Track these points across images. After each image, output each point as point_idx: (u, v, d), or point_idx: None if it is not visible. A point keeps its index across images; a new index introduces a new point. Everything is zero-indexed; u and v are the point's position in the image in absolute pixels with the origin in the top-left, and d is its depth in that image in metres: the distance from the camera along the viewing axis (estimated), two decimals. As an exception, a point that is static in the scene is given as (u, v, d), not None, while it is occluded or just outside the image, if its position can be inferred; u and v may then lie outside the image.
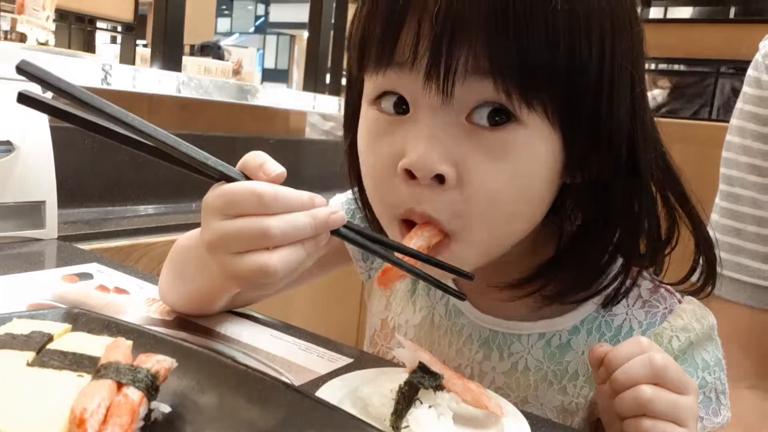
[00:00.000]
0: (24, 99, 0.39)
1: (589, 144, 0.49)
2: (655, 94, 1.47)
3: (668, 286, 0.59)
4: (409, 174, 0.46)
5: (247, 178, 0.45)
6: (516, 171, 0.47)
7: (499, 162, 0.46)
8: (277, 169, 0.45)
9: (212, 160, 0.45)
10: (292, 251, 0.43)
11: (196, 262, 0.57)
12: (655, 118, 0.54)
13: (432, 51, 0.44)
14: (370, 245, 0.47)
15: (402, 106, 0.49)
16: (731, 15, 1.15)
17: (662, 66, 1.44)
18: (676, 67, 1.40)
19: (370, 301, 0.71)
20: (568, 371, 0.57)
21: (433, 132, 0.46)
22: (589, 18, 0.45)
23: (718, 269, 0.56)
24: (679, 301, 0.58)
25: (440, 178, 0.46)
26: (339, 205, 0.69)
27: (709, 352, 0.56)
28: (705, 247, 0.55)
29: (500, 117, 0.46)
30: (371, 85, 0.50)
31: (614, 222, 0.52)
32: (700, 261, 0.55)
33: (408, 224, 0.49)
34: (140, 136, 0.43)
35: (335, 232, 0.46)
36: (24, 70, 0.38)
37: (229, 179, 0.45)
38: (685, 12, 1.39)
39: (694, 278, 0.56)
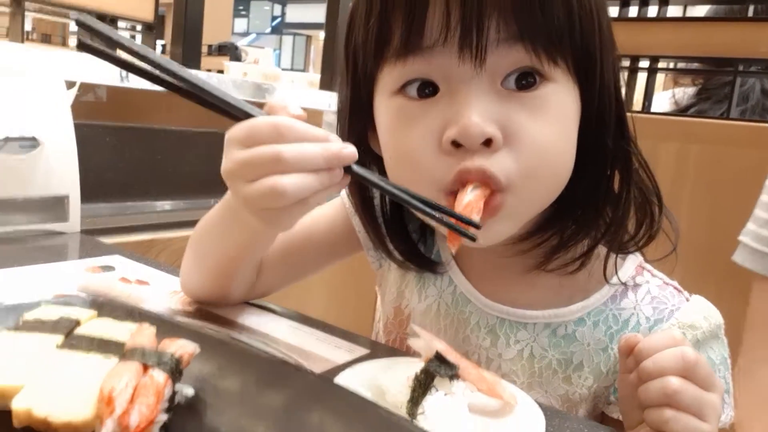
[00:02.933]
0: (84, 46, 0.43)
1: (596, 97, 0.52)
2: (675, 92, 1.46)
3: (676, 285, 0.60)
4: (455, 145, 0.48)
5: None
6: (555, 123, 0.50)
7: (540, 118, 0.49)
8: (299, 109, 0.47)
9: (239, 102, 0.46)
10: (304, 177, 0.43)
11: (215, 230, 0.59)
12: (676, 117, 0.57)
13: (464, 22, 0.46)
14: (383, 185, 0.47)
15: (425, 90, 0.50)
16: (750, 13, 1.15)
17: (681, 65, 1.43)
18: (694, 65, 1.39)
19: (381, 289, 0.71)
20: (573, 361, 0.57)
21: (472, 100, 0.48)
22: None
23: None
24: (687, 299, 0.59)
25: (487, 142, 0.48)
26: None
27: (715, 350, 0.56)
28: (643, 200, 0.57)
29: (527, 80, 0.49)
30: (393, 74, 0.51)
31: (606, 175, 0.55)
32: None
33: (454, 196, 0.50)
34: (179, 80, 0.45)
35: (349, 172, 0.46)
36: (82, 22, 0.43)
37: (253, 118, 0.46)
38: (702, 10, 1.39)
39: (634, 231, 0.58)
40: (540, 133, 0.49)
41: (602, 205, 0.55)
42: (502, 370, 0.59)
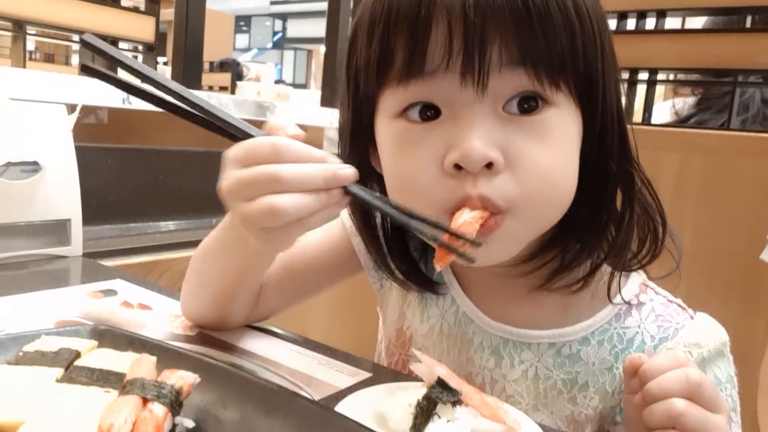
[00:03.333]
0: (86, 69, 0.44)
1: (598, 119, 0.52)
2: (675, 102, 1.46)
3: (680, 302, 0.60)
4: (457, 167, 0.48)
5: None
6: (557, 147, 0.50)
7: (542, 141, 0.49)
8: (297, 130, 0.47)
9: (239, 122, 0.47)
10: (302, 197, 0.44)
11: (215, 253, 0.60)
12: (677, 128, 0.57)
13: (466, 47, 0.46)
14: (381, 206, 0.47)
15: (427, 113, 0.50)
16: (748, 24, 1.15)
17: (680, 76, 1.43)
18: (693, 76, 1.39)
19: (383, 311, 0.71)
20: (578, 381, 0.57)
21: (474, 124, 0.48)
22: (585, 6, 0.50)
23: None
24: (692, 317, 0.58)
25: (489, 165, 0.48)
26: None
27: (721, 368, 0.56)
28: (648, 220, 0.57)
29: (529, 104, 0.49)
30: (395, 98, 0.51)
31: (609, 196, 0.55)
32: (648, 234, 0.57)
33: None
34: (180, 100, 0.46)
35: (348, 192, 0.46)
36: (87, 42, 0.44)
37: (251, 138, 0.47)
38: (700, 22, 1.39)
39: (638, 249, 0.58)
40: (541, 156, 0.49)
41: (605, 225, 0.55)
42: (507, 391, 0.59)
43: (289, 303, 0.69)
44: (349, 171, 0.45)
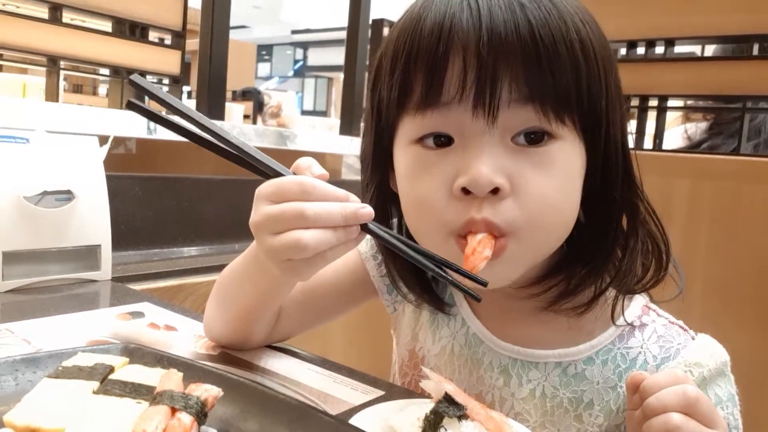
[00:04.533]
0: (131, 105, 0.49)
1: (601, 153, 0.55)
2: (687, 127, 1.48)
3: (682, 324, 0.62)
4: (465, 192, 0.52)
5: None
6: (559, 178, 0.53)
7: (546, 172, 0.52)
8: (322, 170, 0.52)
9: (270, 160, 0.51)
10: (324, 233, 0.48)
11: (239, 278, 0.63)
12: (689, 154, 0.59)
13: (478, 82, 0.50)
14: (394, 242, 0.51)
15: (441, 139, 0.54)
16: (755, 51, 1.18)
17: (690, 102, 1.45)
18: (701, 103, 1.41)
19: (396, 333, 0.74)
20: (584, 400, 0.59)
21: (483, 152, 0.51)
22: (593, 47, 0.53)
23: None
24: (693, 338, 0.60)
25: (495, 191, 0.51)
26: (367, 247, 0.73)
27: (722, 387, 0.58)
28: (654, 246, 0.60)
29: (536, 135, 0.52)
30: (413, 126, 0.55)
31: (614, 224, 0.58)
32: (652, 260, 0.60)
33: (464, 239, 0.53)
34: (217, 139, 0.50)
35: (365, 229, 0.50)
36: (134, 82, 0.50)
37: (281, 176, 0.51)
38: (708, 50, 1.41)
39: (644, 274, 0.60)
40: (544, 185, 0.52)
41: (611, 252, 0.58)
42: (515, 409, 0.61)
43: (307, 326, 0.73)
44: (366, 211, 0.49)
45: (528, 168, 0.52)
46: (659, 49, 1.28)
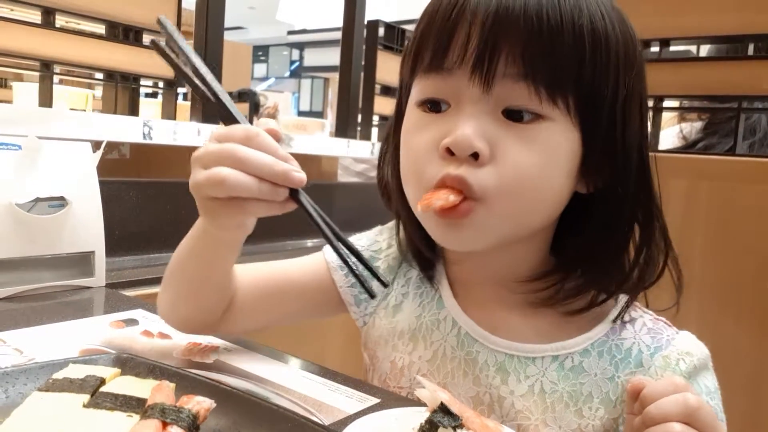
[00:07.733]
0: (155, 45, 0.53)
1: (606, 151, 0.56)
2: (683, 127, 1.48)
3: (665, 320, 0.63)
4: (449, 152, 0.54)
5: None
6: (540, 155, 0.54)
7: (528, 146, 0.54)
8: (275, 127, 0.54)
9: (236, 110, 0.54)
10: (247, 177, 0.49)
11: (183, 254, 0.64)
12: (684, 154, 0.60)
13: (478, 50, 0.53)
14: (317, 220, 0.52)
15: (439, 106, 0.57)
16: (750, 51, 1.17)
17: (685, 103, 1.45)
18: (696, 104, 1.41)
19: (368, 350, 0.71)
20: (583, 393, 0.59)
21: (471, 117, 0.54)
22: (608, 40, 0.54)
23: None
24: (677, 332, 0.62)
25: (475, 156, 0.53)
26: (364, 243, 0.73)
27: (708, 379, 0.59)
28: (674, 264, 0.61)
29: (528, 115, 0.54)
30: (419, 88, 0.58)
31: (623, 226, 0.59)
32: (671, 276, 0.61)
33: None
34: (210, 91, 0.54)
35: (294, 197, 0.51)
36: (161, 23, 0.53)
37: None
38: (703, 50, 1.41)
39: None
40: (523, 158, 0.54)
41: (619, 258, 0.59)
42: (516, 407, 0.60)
43: (267, 322, 0.72)
44: (298, 175, 0.51)
45: (511, 140, 0.54)
46: (654, 49, 1.28)
